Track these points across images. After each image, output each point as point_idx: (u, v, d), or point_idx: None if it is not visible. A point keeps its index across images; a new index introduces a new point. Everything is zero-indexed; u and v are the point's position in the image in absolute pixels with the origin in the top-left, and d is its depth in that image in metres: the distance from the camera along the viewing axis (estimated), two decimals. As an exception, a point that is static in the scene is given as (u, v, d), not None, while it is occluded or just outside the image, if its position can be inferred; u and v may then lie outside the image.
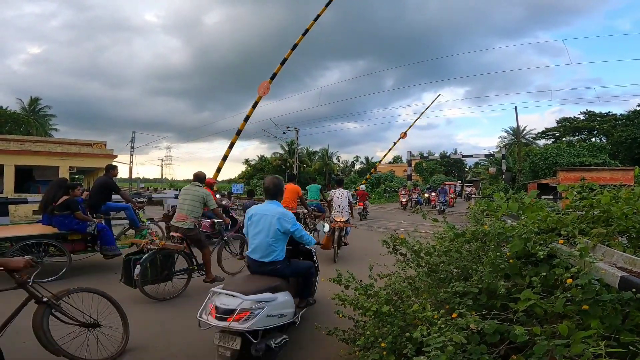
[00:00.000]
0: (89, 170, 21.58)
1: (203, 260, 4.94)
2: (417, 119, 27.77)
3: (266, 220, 3.23)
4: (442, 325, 1.69)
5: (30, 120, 37.60)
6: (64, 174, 18.57)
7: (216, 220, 6.12)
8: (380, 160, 30.41)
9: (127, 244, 6.24)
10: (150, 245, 4.59)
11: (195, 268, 4.92)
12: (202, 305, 2.76)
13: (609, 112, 40.55)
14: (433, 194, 21.12)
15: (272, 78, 11.92)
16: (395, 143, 27.80)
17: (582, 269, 1.64)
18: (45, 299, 2.63)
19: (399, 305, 2.40)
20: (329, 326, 2.69)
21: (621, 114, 38.31)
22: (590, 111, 41.79)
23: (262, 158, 58.50)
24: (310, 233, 5.04)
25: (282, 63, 11.99)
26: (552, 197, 13.07)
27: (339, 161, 62.58)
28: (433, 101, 28.09)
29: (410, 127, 27.71)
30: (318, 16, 12.57)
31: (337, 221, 7.10)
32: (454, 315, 1.77)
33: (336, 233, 6.85)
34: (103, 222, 6.01)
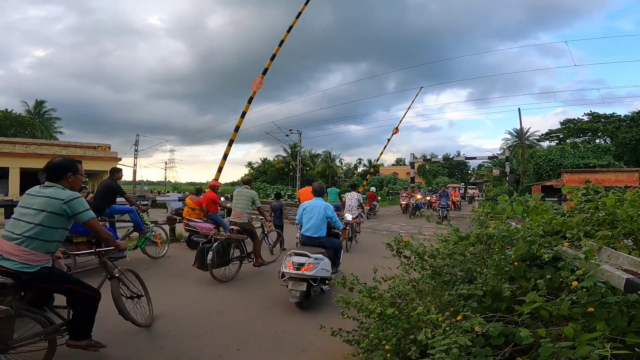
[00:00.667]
0: (94, 173, 21.75)
1: (254, 248, 6.04)
2: (405, 114, 27.98)
3: (315, 210, 4.99)
4: (447, 328, 1.69)
5: (35, 123, 37.87)
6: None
7: (260, 217, 7.06)
8: (377, 159, 30.52)
9: (131, 246, 6.30)
10: (217, 235, 5.65)
11: (246, 256, 5.97)
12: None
13: (613, 113, 40.32)
14: (434, 196, 20.12)
15: (264, 73, 12.64)
16: (389, 140, 27.96)
17: (587, 272, 1.64)
18: (117, 275, 3.41)
19: (403, 307, 2.40)
20: (333, 327, 2.70)
21: (625, 115, 38.06)
22: (594, 112, 41.57)
23: (264, 161, 58.65)
24: None
25: (272, 58, 12.73)
26: (556, 199, 12.99)
27: (341, 164, 62.64)
28: (417, 95, 27.98)
29: (400, 122, 27.81)
30: (300, 13, 13.29)
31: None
32: (459, 317, 1.77)
33: (348, 227, 8.17)
34: (107, 224, 6.11)
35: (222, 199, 10.91)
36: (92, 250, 3.52)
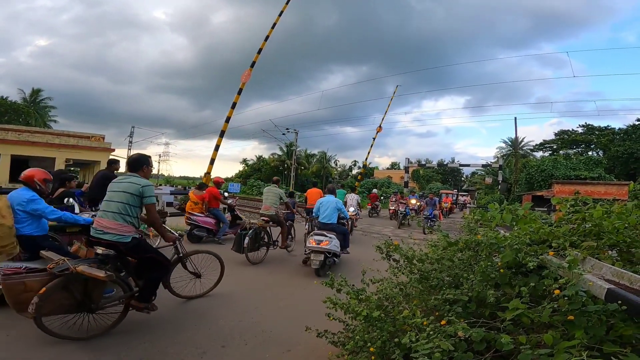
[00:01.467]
0: (86, 163, 21.53)
1: (281, 232, 7.35)
2: (385, 112, 28.03)
3: (329, 203, 6.62)
4: (431, 332, 1.70)
5: (30, 111, 37.52)
6: (60, 165, 18.52)
7: (286, 211, 8.30)
8: (366, 158, 30.73)
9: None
10: (251, 224, 7.13)
11: (272, 242, 7.17)
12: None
13: (608, 125, 40.85)
14: (423, 202, 16.48)
15: (252, 66, 13.37)
16: (374, 139, 28.20)
17: (570, 281, 1.67)
18: (182, 254, 4.20)
19: (390, 310, 2.42)
20: (319, 328, 2.70)
21: (619, 128, 38.60)
22: (589, 124, 42.08)
23: (260, 158, 58.48)
24: None
25: (259, 52, 13.50)
26: (545, 209, 13.14)
27: (336, 165, 62.67)
28: (394, 92, 28.15)
29: (382, 120, 27.95)
30: (282, 12, 14.05)
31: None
32: (443, 322, 1.79)
33: (349, 221, 9.75)
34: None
35: (226, 193, 10.97)
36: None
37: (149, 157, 3.71)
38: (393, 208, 16.99)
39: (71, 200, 5.69)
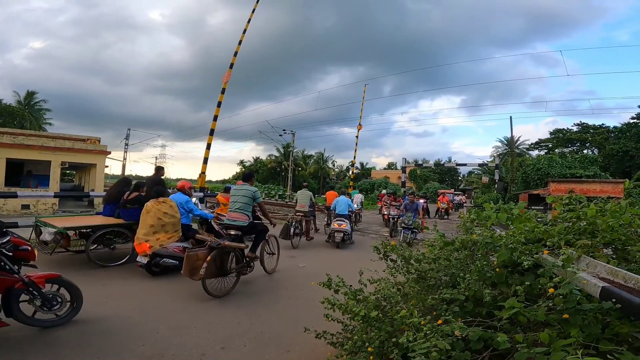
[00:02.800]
0: (82, 165, 21.39)
1: (308, 224, 9.86)
2: (361, 110, 28.26)
3: (343, 201, 10.08)
4: (428, 332, 1.71)
5: (25, 113, 37.30)
6: (55, 168, 18.40)
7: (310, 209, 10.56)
8: (354, 157, 30.96)
9: None
10: (292, 218, 9.38)
11: (302, 232, 9.52)
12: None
13: (602, 124, 41.23)
14: (394, 203, 13.88)
15: (231, 67, 14.29)
16: (357, 137, 28.53)
17: (564, 279, 1.68)
18: (267, 238, 5.94)
19: (388, 310, 2.42)
20: (318, 329, 2.71)
21: (614, 127, 38.92)
22: (584, 123, 42.41)
23: (257, 160, 58.46)
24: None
25: (235, 55, 14.47)
26: (542, 207, 13.20)
27: (334, 165, 62.74)
28: (364, 91, 28.33)
29: (360, 117, 28.19)
30: (249, 19, 14.99)
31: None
32: (439, 322, 1.80)
33: (352, 215, 12.10)
34: None
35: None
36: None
37: (254, 172, 5.63)
38: (387, 213, 13.75)
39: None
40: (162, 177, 8.02)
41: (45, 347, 3.11)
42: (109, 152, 21.59)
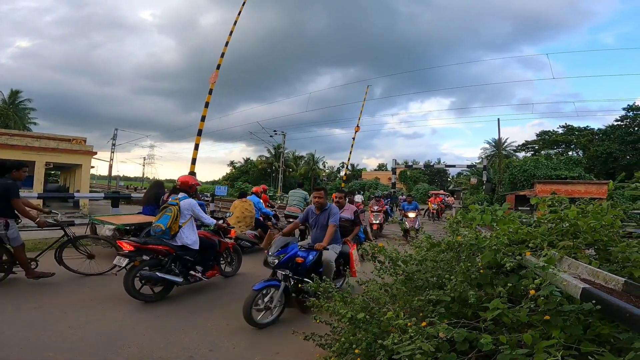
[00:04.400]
0: (67, 166, 20.97)
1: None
2: (360, 112, 28.39)
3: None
4: (413, 334, 1.72)
5: (9, 113, 36.47)
6: (40, 169, 18.00)
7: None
8: (348, 158, 31.10)
9: None
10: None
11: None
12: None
13: (587, 126, 42.02)
14: (375, 207, 12.02)
15: (218, 68, 14.40)
16: (354, 138, 28.60)
17: (545, 280, 1.71)
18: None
19: (375, 312, 2.43)
20: (306, 331, 2.70)
21: (599, 129, 39.77)
22: (569, 125, 43.21)
23: (247, 161, 58.14)
24: None
25: (222, 56, 14.54)
26: (528, 208, 13.41)
27: (325, 167, 62.79)
28: (366, 92, 28.56)
29: (359, 119, 28.31)
30: (235, 21, 15.20)
31: None
32: (424, 324, 1.81)
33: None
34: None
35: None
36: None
37: (303, 181, 6.19)
38: (378, 221, 11.77)
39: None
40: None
41: (30, 351, 3.04)
42: (95, 153, 21.21)
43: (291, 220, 8.30)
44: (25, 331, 3.36)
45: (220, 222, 5.53)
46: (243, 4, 15.14)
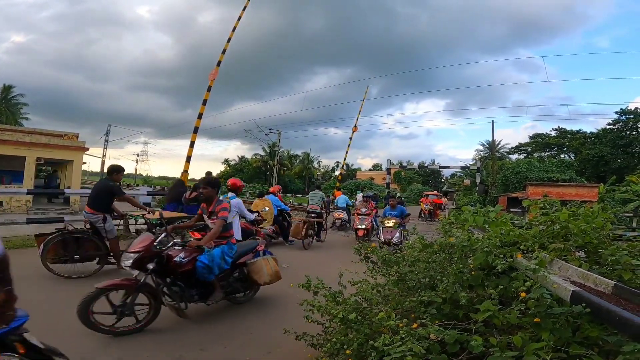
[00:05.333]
0: (59, 162, 20.72)
1: (318, 228, 10.34)
2: (359, 112, 28.38)
3: (343, 199, 13.74)
4: (404, 335, 1.72)
5: (1, 108, 36.06)
6: (30, 164, 17.78)
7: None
8: (344, 158, 31.20)
9: None
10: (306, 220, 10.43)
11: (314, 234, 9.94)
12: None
13: (580, 129, 42.56)
14: (363, 210, 10.56)
15: (218, 65, 14.28)
16: (350, 138, 28.67)
17: (536, 283, 1.72)
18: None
19: (367, 312, 2.43)
20: (298, 331, 2.69)
21: (591, 132, 40.28)
22: (562, 128, 43.70)
23: (242, 159, 57.94)
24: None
25: (223, 52, 14.41)
26: (520, 210, 13.53)
27: (319, 166, 62.82)
28: (366, 92, 28.70)
29: (357, 119, 28.38)
30: (240, 17, 14.98)
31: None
32: (415, 325, 1.81)
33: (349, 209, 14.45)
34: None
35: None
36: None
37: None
38: (364, 226, 10.31)
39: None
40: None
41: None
42: (87, 149, 20.98)
43: (313, 215, 10.17)
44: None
45: (256, 215, 6.95)
46: (248, 0, 14.96)
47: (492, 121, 32.26)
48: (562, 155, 41.79)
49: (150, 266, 3.46)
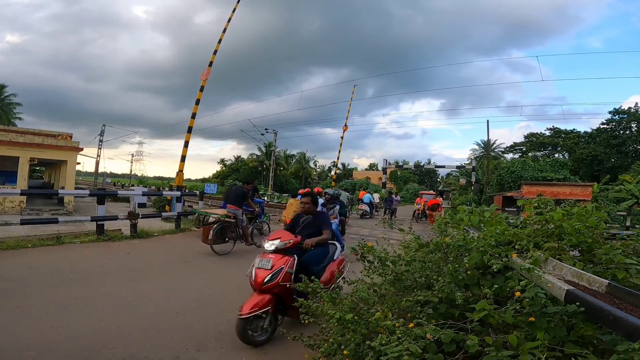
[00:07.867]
0: (53, 162, 20.55)
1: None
2: (348, 111, 29.05)
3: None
4: (400, 335, 1.72)
5: (-6, 108, 35.72)
6: (24, 164, 17.61)
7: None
8: (338, 157, 31.41)
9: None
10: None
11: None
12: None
13: (573, 129, 42.92)
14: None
15: (210, 65, 14.52)
16: (342, 137, 29.11)
17: (531, 282, 1.73)
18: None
19: (363, 313, 2.43)
20: (295, 332, 2.69)
21: (584, 132, 40.62)
22: (556, 128, 44.04)
23: (238, 159, 57.76)
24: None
25: (215, 53, 14.68)
26: (515, 209, 13.62)
27: (316, 165, 62.81)
28: (353, 92, 28.97)
29: (347, 118, 28.73)
30: (230, 18, 15.21)
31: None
32: (411, 325, 1.82)
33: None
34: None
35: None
36: None
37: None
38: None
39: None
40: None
41: (10, 351, 2.96)
42: (81, 149, 20.82)
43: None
44: (6, 331, 3.27)
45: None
46: (237, 2, 15.12)
47: (487, 121, 32.71)
48: (556, 155, 42.10)
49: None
